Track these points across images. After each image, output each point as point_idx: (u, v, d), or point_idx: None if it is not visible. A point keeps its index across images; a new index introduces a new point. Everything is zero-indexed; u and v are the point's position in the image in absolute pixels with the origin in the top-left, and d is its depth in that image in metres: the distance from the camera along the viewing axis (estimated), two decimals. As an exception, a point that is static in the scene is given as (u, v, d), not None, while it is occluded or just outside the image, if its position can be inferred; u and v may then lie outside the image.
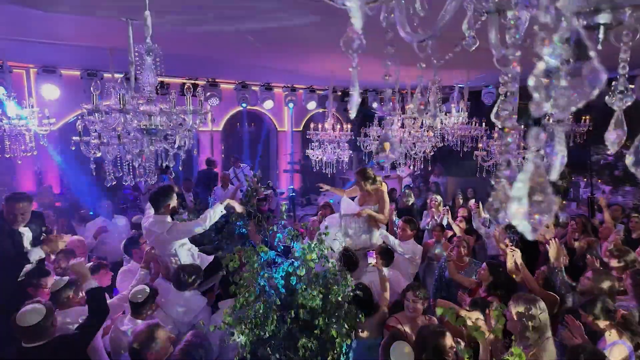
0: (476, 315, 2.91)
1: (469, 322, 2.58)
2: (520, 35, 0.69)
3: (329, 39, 4.81)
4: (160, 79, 8.17)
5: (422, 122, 4.46)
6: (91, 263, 3.97)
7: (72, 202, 8.12)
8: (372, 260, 4.12)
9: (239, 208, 4.29)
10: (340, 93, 10.68)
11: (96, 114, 2.35)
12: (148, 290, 3.14)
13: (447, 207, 6.41)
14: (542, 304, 2.60)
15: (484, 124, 5.67)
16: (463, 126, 5.37)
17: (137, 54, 2.38)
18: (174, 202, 3.82)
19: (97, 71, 7.08)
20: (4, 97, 5.07)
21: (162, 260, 3.86)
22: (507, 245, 4.21)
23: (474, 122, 5.52)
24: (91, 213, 6.35)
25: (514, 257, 3.84)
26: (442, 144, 5.83)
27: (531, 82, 0.56)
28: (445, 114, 5.43)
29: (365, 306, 3.41)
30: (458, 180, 9.80)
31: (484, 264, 4.12)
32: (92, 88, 2.36)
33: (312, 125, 6.05)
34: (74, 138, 3.09)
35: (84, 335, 2.77)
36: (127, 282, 3.93)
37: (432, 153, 5.43)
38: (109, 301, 3.24)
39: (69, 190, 8.70)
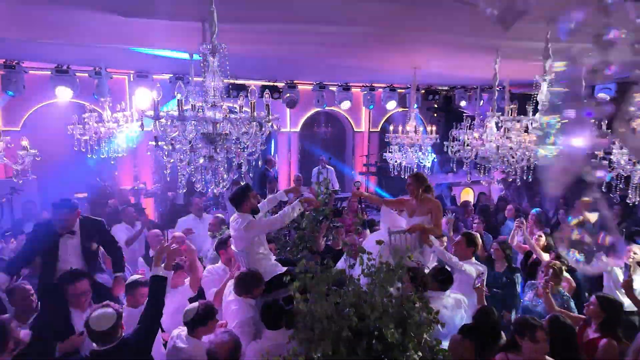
0: None
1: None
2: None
3: (412, 30, 4.33)
4: (240, 81, 8.33)
5: (528, 126, 3.70)
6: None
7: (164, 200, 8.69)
8: (478, 283, 3.64)
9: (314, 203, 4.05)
10: (423, 91, 9.98)
11: (157, 121, 2.25)
12: (196, 307, 3.00)
13: (522, 219, 5.40)
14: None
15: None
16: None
17: (202, 56, 2.21)
18: (252, 200, 3.73)
19: (184, 75, 7.41)
20: (103, 102, 5.47)
21: (239, 259, 3.80)
22: None
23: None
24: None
25: None
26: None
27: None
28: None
29: (489, 337, 2.90)
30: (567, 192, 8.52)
31: (593, 297, 3.38)
32: (155, 94, 2.25)
33: (391, 128, 5.59)
34: (150, 143, 3.07)
35: (146, 335, 2.76)
36: (211, 283, 3.97)
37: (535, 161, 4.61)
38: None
39: (161, 188, 9.30)
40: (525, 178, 4.24)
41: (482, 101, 10.05)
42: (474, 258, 4.19)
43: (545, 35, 3.45)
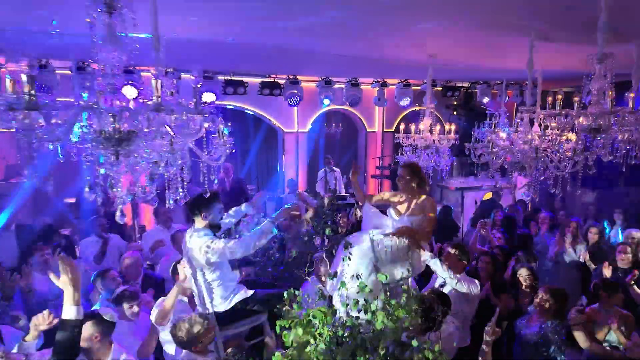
0: None
1: None
2: None
3: (429, 11, 3.55)
4: (237, 77, 7.63)
5: (575, 123, 2.86)
6: (123, 288, 3.36)
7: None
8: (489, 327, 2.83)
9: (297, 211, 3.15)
10: (441, 88, 9.13)
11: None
12: None
13: (485, 220, 4.81)
14: None
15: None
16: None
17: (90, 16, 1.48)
18: (214, 214, 3.02)
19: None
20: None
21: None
22: None
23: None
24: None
25: None
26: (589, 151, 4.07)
27: None
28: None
29: None
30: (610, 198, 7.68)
31: None
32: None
33: (402, 127, 4.79)
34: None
35: None
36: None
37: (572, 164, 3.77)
38: None
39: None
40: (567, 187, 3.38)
41: (507, 98, 9.22)
42: (464, 273, 3.53)
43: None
